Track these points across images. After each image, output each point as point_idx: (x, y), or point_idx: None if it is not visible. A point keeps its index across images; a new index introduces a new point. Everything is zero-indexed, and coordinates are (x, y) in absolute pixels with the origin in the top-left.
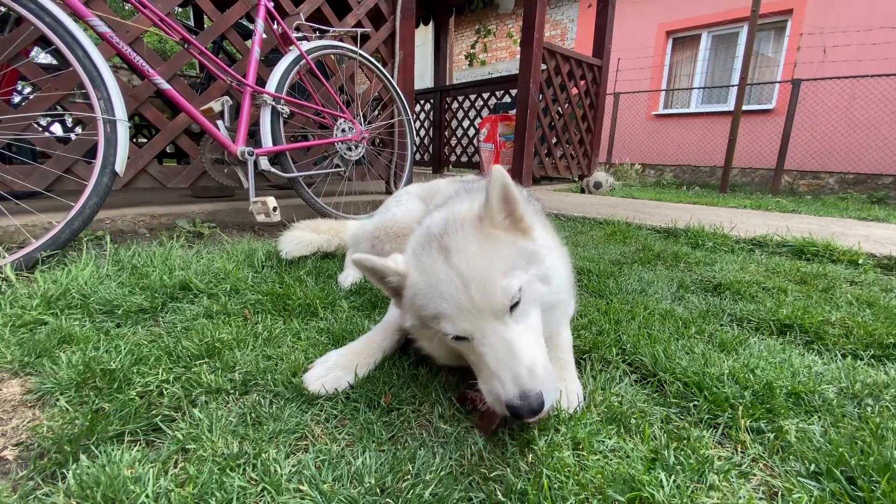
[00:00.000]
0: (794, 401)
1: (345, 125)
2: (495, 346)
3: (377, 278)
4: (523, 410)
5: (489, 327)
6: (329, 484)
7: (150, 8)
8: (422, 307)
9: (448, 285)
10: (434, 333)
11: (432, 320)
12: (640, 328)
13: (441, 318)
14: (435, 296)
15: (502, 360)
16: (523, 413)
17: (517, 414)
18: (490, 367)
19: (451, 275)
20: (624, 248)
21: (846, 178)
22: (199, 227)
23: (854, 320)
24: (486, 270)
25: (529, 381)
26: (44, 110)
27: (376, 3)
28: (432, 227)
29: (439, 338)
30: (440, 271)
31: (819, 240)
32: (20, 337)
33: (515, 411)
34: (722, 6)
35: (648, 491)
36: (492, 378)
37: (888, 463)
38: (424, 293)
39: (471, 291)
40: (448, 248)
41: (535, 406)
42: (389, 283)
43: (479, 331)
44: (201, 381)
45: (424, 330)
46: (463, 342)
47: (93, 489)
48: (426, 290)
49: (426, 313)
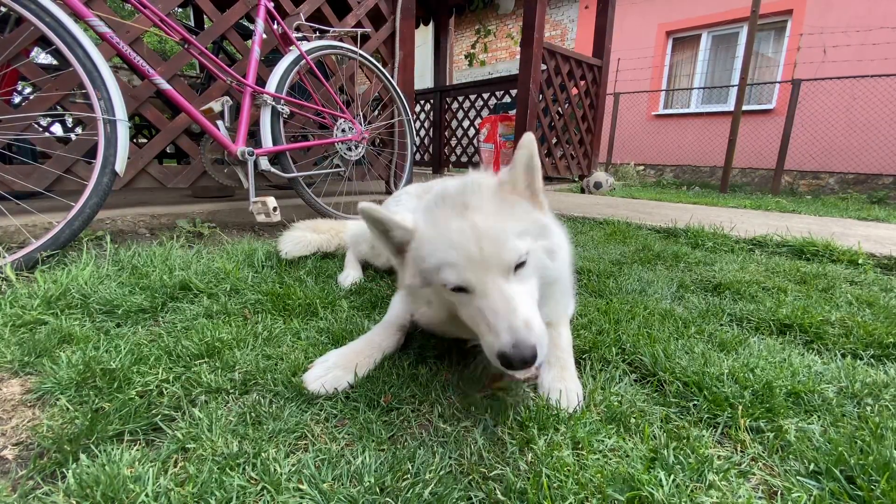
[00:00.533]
0: (794, 400)
1: (345, 125)
2: (495, 299)
3: (381, 231)
4: (515, 359)
5: (491, 281)
6: (329, 483)
7: (151, 8)
8: (426, 258)
9: (459, 234)
10: (433, 291)
11: (435, 272)
12: (639, 328)
13: (446, 267)
14: (444, 244)
15: (499, 313)
16: (514, 362)
17: (508, 363)
18: (488, 319)
19: (465, 226)
20: (624, 247)
21: (846, 178)
22: (199, 227)
23: (854, 320)
24: (500, 227)
25: (525, 331)
26: (44, 110)
27: (376, 4)
28: (448, 189)
29: (438, 295)
30: (453, 222)
31: (819, 240)
32: (20, 337)
33: (507, 359)
34: (722, 6)
35: (648, 490)
36: (488, 332)
37: (887, 462)
38: (432, 243)
39: (482, 243)
40: (466, 203)
41: (527, 356)
42: (393, 238)
43: (481, 283)
44: (201, 381)
45: (424, 289)
46: (462, 294)
47: (92, 488)
48: (435, 239)
49: (430, 264)
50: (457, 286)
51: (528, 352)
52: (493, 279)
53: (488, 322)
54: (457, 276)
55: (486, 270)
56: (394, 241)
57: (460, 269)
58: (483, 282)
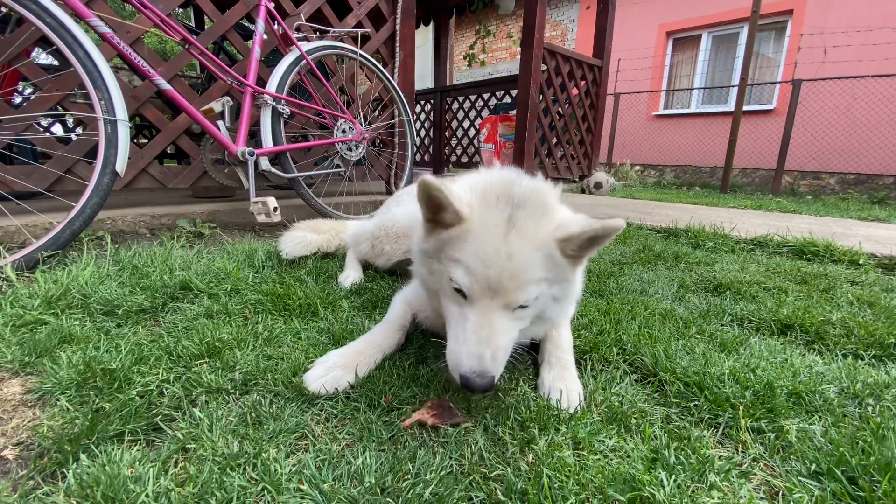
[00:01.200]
0: (795, 401)
1: (345, 125)
2: (483, 323)
3: (433, 205)
4: (473, 386)
5: (490, 306)
6: (329, 483)
7: (151, 8)
8: (454, 246)
9: (494, 256)
10: (438, 272)
11: (453, 262)
12: (640, 328)
13: (465, 270)
14: (474, 250)
15: (479, 338)
16: (472, 388)
17: (468, 387)
18: (467, 335)
19: (501, 249)
20: (624, 248)
21: (847, 178)
22: (200, 228)
23: (855, 320)
24: (526, 269)
25: (489, 363)
26: (45, 111)
27: (377, 4)
28: (515, 191)
29: (440, 275)
30: (495, 238)
31: (820, 240)
32: (21, 337)
33: (466, 384)
34: (722, 6)
35: (649, 491)
36: (462, 345)
37: (889, 463)
38: (466, 240)
39: (504, 273)
40: (515, 222)
41: (483, 386)
42: (443, 216)
43: (480, 302)
44: (201, 381)
45: (434, 262)
46: (458, 295)
47: (93, 489)
48: (470, 239)
49: (450, 252)
50: (458, 288)
51: (485, 383)
52: (492, 306)
53: (465, 337)
54: (466, 283)
55: (492, 296)
56: (436, 216)
57: (472, 279)
58: (481, 301)
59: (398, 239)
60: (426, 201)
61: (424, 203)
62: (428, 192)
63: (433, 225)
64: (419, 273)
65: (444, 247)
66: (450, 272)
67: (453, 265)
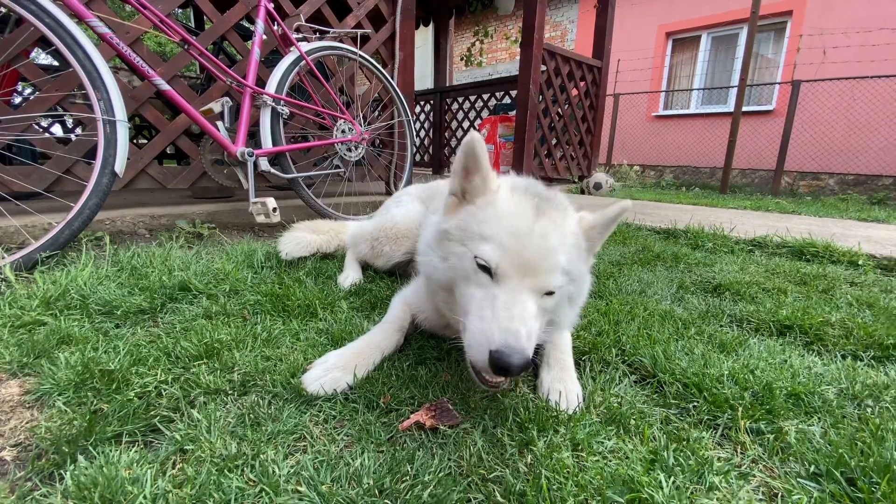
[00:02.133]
0: (794, 402)
1: (345, 126)
2: (516, 302)
3: (468, 167)
4: (506, 361)
5: (520, 286)
6: (327, 485)
7: (151, 9)
8: (483, 222)
9: (527, 235)
10: (457, 254)
11: (478, 239)
12: (639, 329)
13: (494, 245)
14: (506, 226)
15: (513, 317)
16: (510, 367)
17: (502, 365)
18: (496, 313)
19: (533, 227)
20: (624, 248)
21: (846, 179)
22: (199, 228)
23: (854, 321)
24: (558, 251)
25: (526, 341)
26: (44, 111)
27: (376, 5)
28: (540, 188)
29: (459, 258)
30: (528, 220)
31: (819, 241)
32: (19, 337)
33: (502, 361)
34: (722, 7)
35: (648, 492)
36: (491, 321)
37: (888, 464)
38: (498, 218)
39: (537, 252)
40: (544, 211)
41: (518, 363)
42: (472, 181)
43: (510, 281)
44: (200, 382)
45: (454, 244)
46: (482, 275)
47: (90, 490)
48: (501, 217)
49: (479, 231)
50: (487, 266)
51: (519, 359)
52: (522, 286)
53: (495, 314)
54: (495, 258)
55: (522, 275)
56: (468, 184)
57: (503, 256)
58: (510, 281)
59: (397, 240)
60: (467, 158)
61: (464, 163)
62: (472, 147)
63: (456, 198)
64: (428, 264)
65: (470, 224)
66: (477, 250)
67: (481, 243)
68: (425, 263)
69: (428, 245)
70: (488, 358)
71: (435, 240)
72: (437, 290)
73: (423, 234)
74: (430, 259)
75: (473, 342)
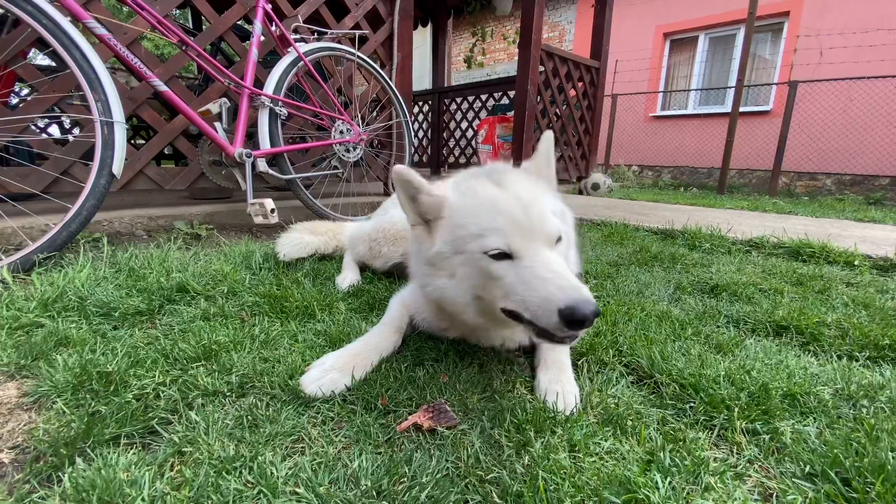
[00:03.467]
0: (790, 402)
1: (343, 127)
2: (549, 263)
3: (409, 194)
4: (582, 312)
5: (536, 249)
6: (325, 486)
7: (148, 10)
8: (465, 224)
9: (505, 202)
10: (462, 261)
11: (474, 238)
12: (636, 330)
13: (490, 232)
14: (488, 211)
15: (558, 274)
16: (587, 315)
17: (579, 317)
18: (543, 275)
19: (508, 195)
20: (621, 249)
21: (843, 179)
22: (197, 229)
23: (850, 322)
24: (541, 201)
25: (584, 291)
26: (41, 112)
27: (374, 6)
28: (476, 170)
29: (468, 265)
30: (494, 192)
31: (815, 241)
32: (17, 339)
33: (572, 313)
34: (719, 8)
35: (644, 493)
36: (545, 284)
37: (883, 464)
38: (471, 210)
39: (528, 211)
40: (500, 180)
41: (591, 311)
42: (420, 205)
43: (526, 249)
44: (198, 384)
45: (452, 258)
46: (502, 263)
47: (88, 492)
48: (476, 206)
49: (469, 231)
50: (500, 252)
51: (591, 307)
52: (538, 247)
53: (543, 276)
54: (503, 241)
55: (531, 238)
56: (421, 208)
57: (507, 233)
58: (528, 248)
59: (396, 241)
60: (403, 189)
61: (404, 193)
62: (401, 177)
63: (423, 226)
64: (437, 289)
65: (455, 233)
66: (483, 246)
67: (480, 240)
68: (433, 291)
69: (426, 275)
70: (558, 319)
71: (430, 266)
72: (458, 307)
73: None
74: (437, 284)
75: (539, 311)
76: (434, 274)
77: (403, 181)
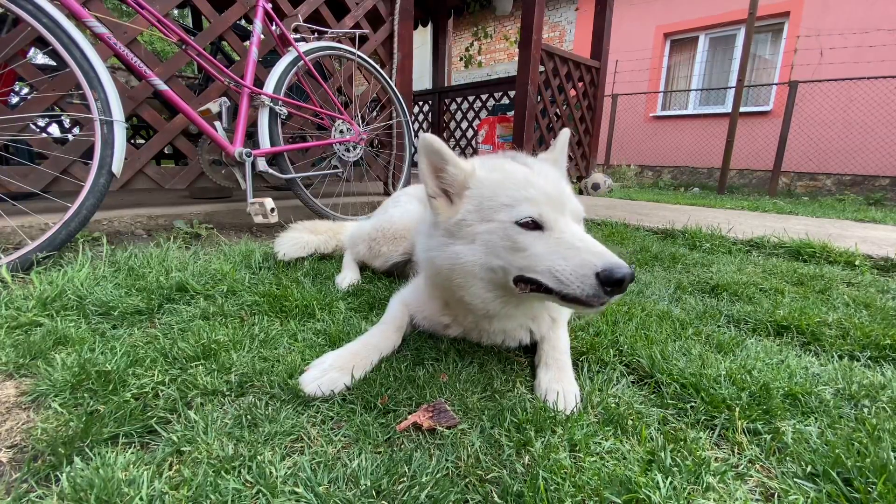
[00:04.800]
0: (791, 402)
1: (343, 126)
2: (579, 235)
3: (435, 165)
4: (619, 273)
5: (567, 221)
6: (325, 486)
7: (148, 9)
8: (493, 196)
9: (536, 177)
10: (485, 230)
11: (501, 209)
12: (637, 329)
13: (524, 202)
14: (518, 184)
15: (590, 242)
16: (618, 276)
17: (618, 276)
18: (574, 244)
19: (539, 171)
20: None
21: (843, 179)
22: (197, 229)
23: (851, 321)
24: (562, 182)
25: (617, 257)
26: (41, 111)
27: (374, 5)
28: (496, 155)
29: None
30: (524, 169)
31: (816, 241)
32: (15, 339)
33: (611, 275)
34: (719, 8)
35: (644, 493)
36: (579, 252)
37: (884, 464)
38: (501, 183)
39: (559, 187)
40: (526, 162)
41: (630, 272)
42: (446, 176)
43: (557, 221)
44: (197, 383)
45: (474, 226)
46: (532, 232)
47: (87, 492)
48: (504, 180)
49: (497, 202)
50: (531, 221)
51: (627, 270)
52: (568, 220)
53: (575, 246)
54: (535, 211)
55: (561, 211)
56: (445, 180)
57: (539, 204)
58: (559, 220)
59: (395, 240)
60: (429, 159)
61: (429, 165)
62: (429, 145)
63: (443, 198)
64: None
65: (484, 204)
66: (516, 216)
67: (510, 210)
68: (444, 258)
69: (440, 245)
70: (596, 281)
71: (447, 235)
72: (468, 279)
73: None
74: (452, 251)
75: (573, 277)
76: (451, 242)
77: (432, 151)
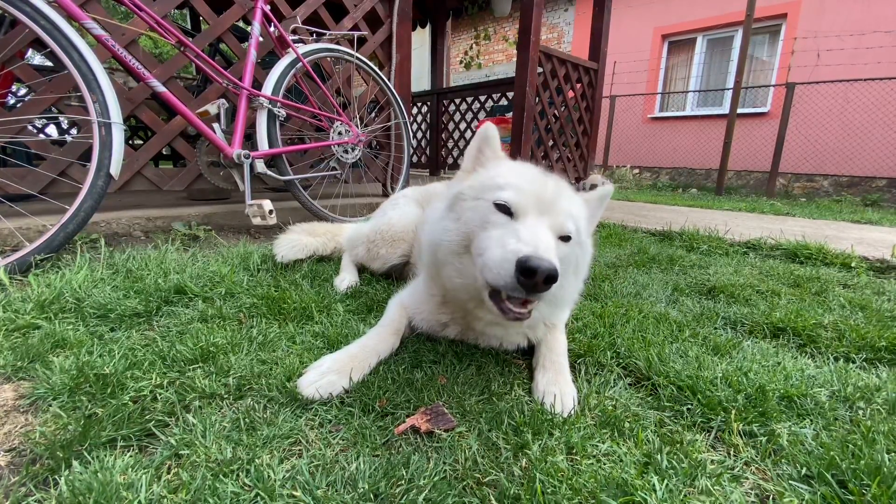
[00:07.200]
0: (787, 404)
1: (341, 128)
2: (538, 231)
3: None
4: (540, 265)
5: (539, 221)
6: (323, 489)
7: (146, 10)
8: (493, 177)
9: (540, 180)
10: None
11: (495, 188)
12: (634, 332)
13: (511, 188)
14: (518, 175)
15: (537, 235)
16: (538, 268)
17: (530, 267)
18: (519, 235)
19: (546, 180)
20: (619, 251)
21: (840, 180)
22: (195, 230)
23: (846, 323)
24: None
25: (552, 254)
26: (39, 113)
27: (373, 7)
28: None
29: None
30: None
31: (812, 243)
32: (13, 341)
33: (530, 264)
34: (717, 10)
35: (641, 495)
36: (513, 242)
37: (879, 466)
38: (506, 171)
39: (553, 197)
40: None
41: (550, 268)
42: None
43: (529, 217)
44: (195, 386)
45: (466, 202)
46: (501, 216)
47: (85, 496)
48: (510, 170)
49: (492, 183)
50: (506, 205)
51: (548, 265)
52: (540, 221)
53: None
54: (515, 197)
55: (540, 212)
56: (477, 162)
57: (523, 195)
58: (531, 216)
59: (394, 242)
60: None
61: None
62: (489, 132)
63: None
64: (440, 231)
65: (484, 181)
66: (495, 196)
67: (497, 191)
68: (436, 232)
69: (437, 219)
70: (514, 269)
71: (446, 208)
72: (448, 257)
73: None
74: (442, 225)
75: (494, 261)
76: (446, 217)
77: (488, 136)
